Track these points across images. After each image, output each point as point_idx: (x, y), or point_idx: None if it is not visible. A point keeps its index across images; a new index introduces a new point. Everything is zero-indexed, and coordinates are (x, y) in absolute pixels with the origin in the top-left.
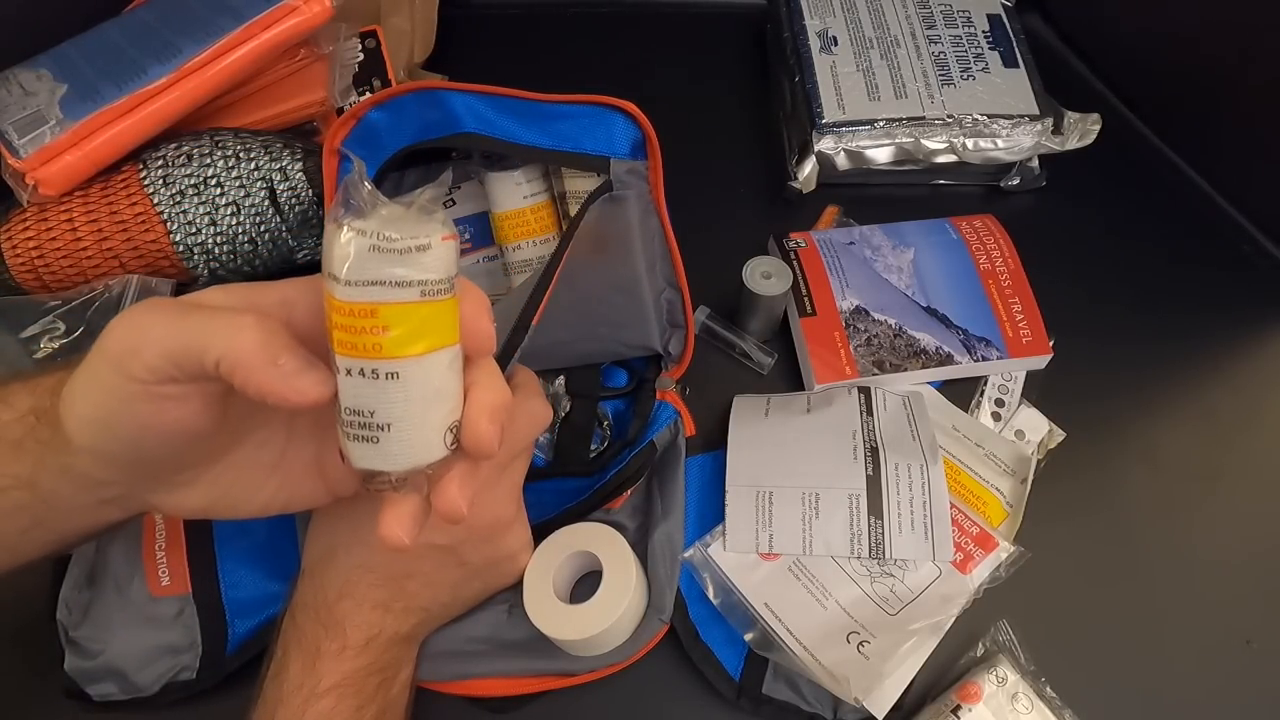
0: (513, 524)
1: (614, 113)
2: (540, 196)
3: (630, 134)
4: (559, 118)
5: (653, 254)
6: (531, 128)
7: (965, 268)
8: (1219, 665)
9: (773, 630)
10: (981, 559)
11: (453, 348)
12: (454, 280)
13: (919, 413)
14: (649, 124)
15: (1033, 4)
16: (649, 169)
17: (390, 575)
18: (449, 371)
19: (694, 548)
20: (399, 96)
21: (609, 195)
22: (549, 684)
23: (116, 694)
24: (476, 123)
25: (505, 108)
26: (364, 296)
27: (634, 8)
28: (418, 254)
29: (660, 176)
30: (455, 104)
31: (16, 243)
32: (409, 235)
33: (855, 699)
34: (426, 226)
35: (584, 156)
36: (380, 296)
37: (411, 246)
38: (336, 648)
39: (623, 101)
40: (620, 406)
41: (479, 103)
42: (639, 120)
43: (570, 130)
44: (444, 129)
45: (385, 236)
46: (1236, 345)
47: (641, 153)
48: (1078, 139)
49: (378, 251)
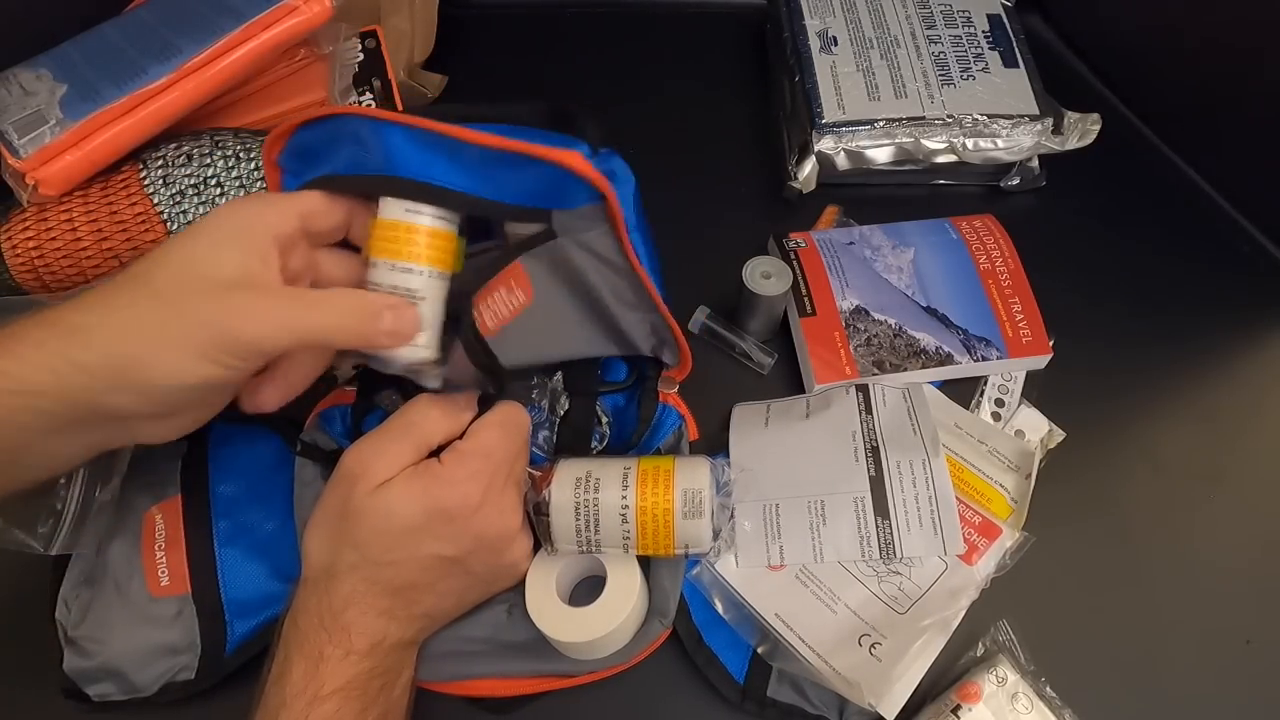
0: (518, 534)
1: (562, 172)
2: (442, 221)
3: (582, 190)
4: (500, 164)
5: (619, 286)
6: (470, 173)
7: (965, 268)
8: (1219, 665)
9: (785, 640)
10: (986, 548)
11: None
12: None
13: (919, 405)
14: (601, 178)
15: (1033, 4)
16: (607, 213)
17: (396, 586)
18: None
19: (700, 565)
20: (332, 118)
21: (553, 242)
22: (549, 685)
23: (115, 694)
24: (408, 164)
25: (442, 147)
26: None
27: (634, 8)
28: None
29: (620, 218)
30: (389, 140)
31: (16, 243)
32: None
33: (869, 703)
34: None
35: (525, 209)
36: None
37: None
38: (341, 653)
39: (571, 157)
40: (620, 402)
41: (413, 141)
42: (589, 179)
43: (510, 179)
44: (373, 166)
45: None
46: (1236, 345)
47: (597, 197)
48: (1078, 139)
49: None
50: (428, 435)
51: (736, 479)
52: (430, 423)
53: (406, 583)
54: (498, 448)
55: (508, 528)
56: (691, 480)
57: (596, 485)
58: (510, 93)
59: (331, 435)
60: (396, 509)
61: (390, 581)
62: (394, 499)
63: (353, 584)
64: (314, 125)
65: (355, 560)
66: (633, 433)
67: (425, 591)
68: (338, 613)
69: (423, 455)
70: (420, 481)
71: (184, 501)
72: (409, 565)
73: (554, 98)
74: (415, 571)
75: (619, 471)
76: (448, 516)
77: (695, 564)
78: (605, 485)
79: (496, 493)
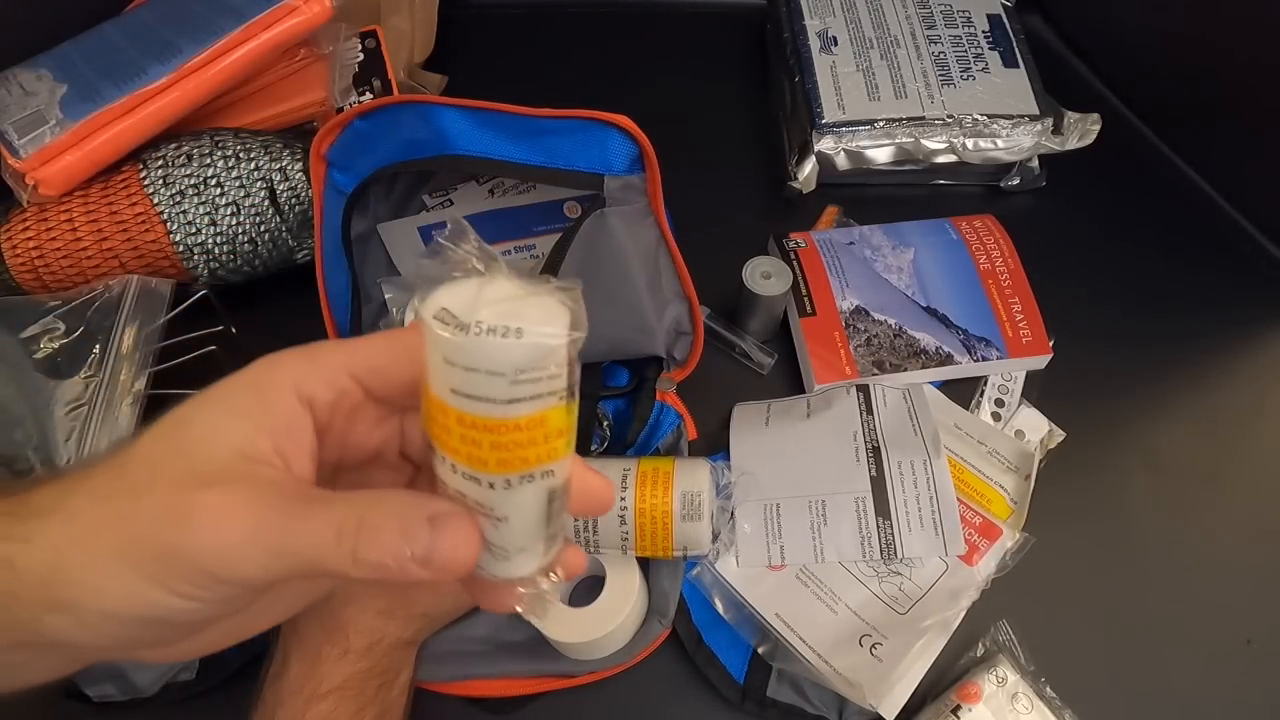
0: None
1: (608, 128)
2: (544, 400)
3: (627, 149)
4: (550, 133)
5: (654, 268)
6: (522, 144)
7: (965, 268)
8: (1219, 665)
9: (786, 640)
10: (987, 549)
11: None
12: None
13: (919, 405)
14: (645, 138)
15: (1033, 4)
16: (647, 181)
17: (396, 585)
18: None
19: (701, 565)
20: (387, 108)
21: (600, 211)
22: (548, 685)
23: (116, 695)
24: (464, 141)
25: (494, 124)
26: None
27: (634, 8)
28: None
29: (659, 189)
30: (443, 121)
31: (16, 243)
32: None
33: (870, 704)
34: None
35: (577, 174)
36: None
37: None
38: (338, 652)
39: (617, 116)
40: (621, 406)
41: (467, 119)
42: (635, 135)
43: (563, 146)
44: (431, 148)
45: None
46: (1236, 345)
47: (639, 167)
48: (1078, 139)
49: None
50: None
51: (736, 481)
52: None
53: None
54: None
55: None
56: (690, 483)
57: None
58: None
59: None
60: None
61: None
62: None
63: (350, 582)
64: (368, 116)
65: None
66: (631, 434)
67: (425, 591)
68: (336, 611)
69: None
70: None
71: None
72: None
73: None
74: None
75: (618, 473)
76: None
77: (695, 564)
78: None
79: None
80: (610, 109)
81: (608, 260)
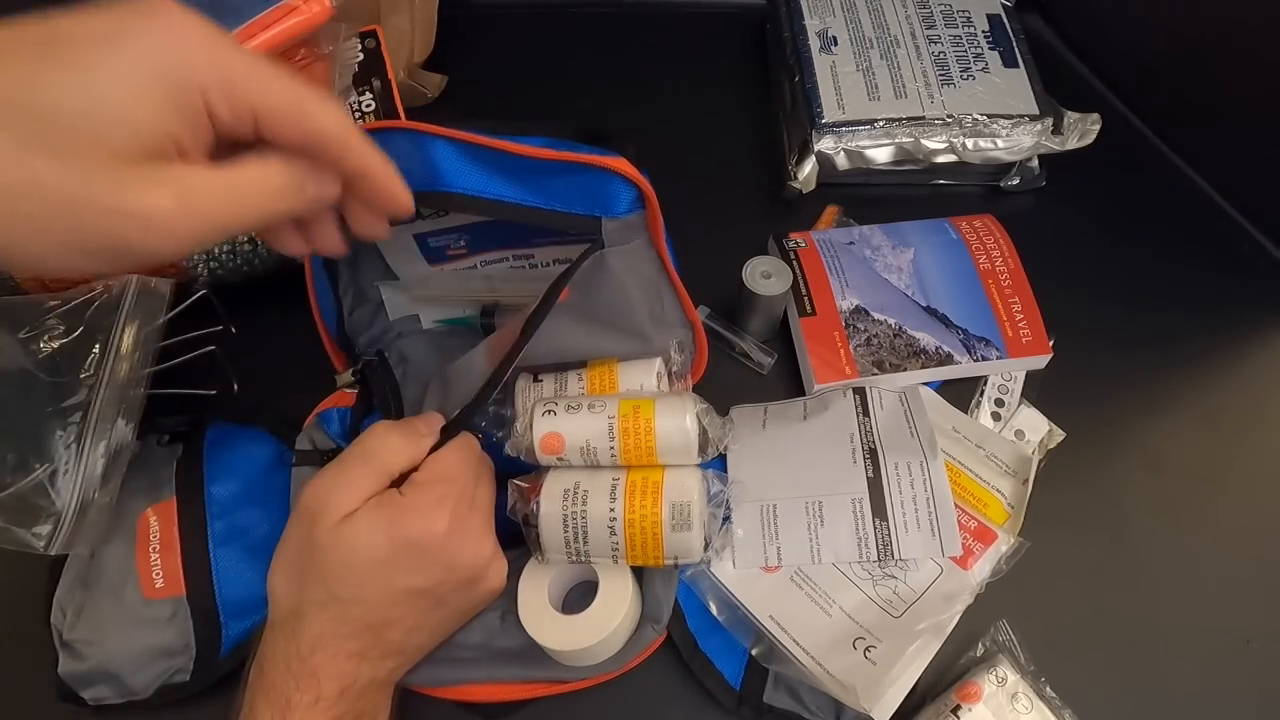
0: (491, 562)
1: (609, 175)
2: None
3: (626, 193)
4: (547, 174)
5: (656, 298)
6: (517, 183)
7: (965, 268)
8: (1219, 665)
9: (779, 642)
10: (982, 553)
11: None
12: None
13: (916, 408)
14: (645, 181)
15: (1033, 4)
16: (647, 219)
17: (367, 623)
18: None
19: (695, 566)
20: (377, 132)
21: (600, 254)
22: (542, 691)
23: (110, 697)
24: (456, 178)
25: (489, 160)
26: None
27: (634, 8)
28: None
29: (660, 226)
30: (436, 153)
31: None
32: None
33: (863, 707)
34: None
35: (574, 217)
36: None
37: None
38: (309, 699)
39: (617, 162)
40: None
41: (460, 153)
42: (636, 182)
43: (559, 187)
44: (421, 182)
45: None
46: (1236, 345)
47: (639, 205)
48: (1078, 139)
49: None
50: (388, 463)
51: (729, 490)
52: (390, 450)
53: (378, 619)
54: (459, 473)
55: (478, 556)
56: (680, 493)
57: (584, 497)
58: (510, 92)
59: (329, 435)
60: (362, 542)
61: (360, 619)
62: (359, 532)
63: (321, 625)
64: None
65: (323, 598)
66: None
67: (396, 627)
68: (305, 657)
69: (384, 484)
70: (384, 511)
71: (179, 503)
72: (379, 601)
73: (554, 97)
74: (386, 607)
75: (607, 483)
76: (417, 547)
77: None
78: (593, 497)
79: (462, 519)
80: (609, 108)
81: (609, 299)
